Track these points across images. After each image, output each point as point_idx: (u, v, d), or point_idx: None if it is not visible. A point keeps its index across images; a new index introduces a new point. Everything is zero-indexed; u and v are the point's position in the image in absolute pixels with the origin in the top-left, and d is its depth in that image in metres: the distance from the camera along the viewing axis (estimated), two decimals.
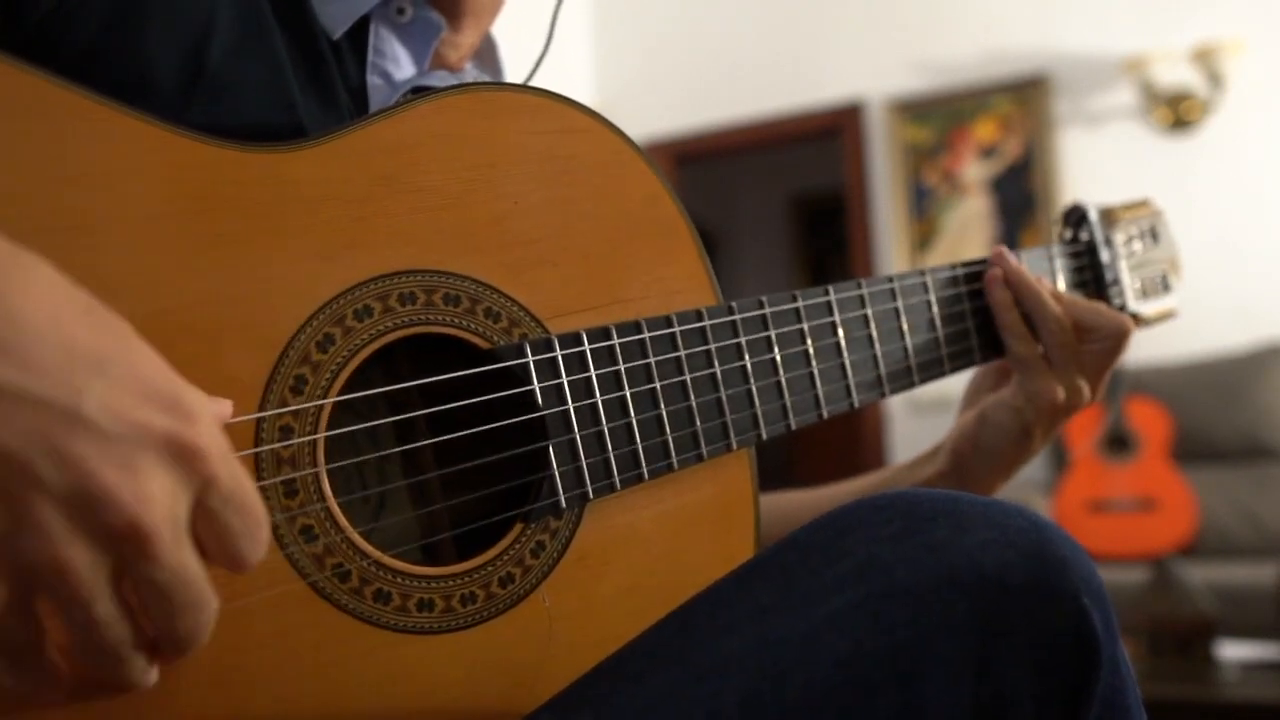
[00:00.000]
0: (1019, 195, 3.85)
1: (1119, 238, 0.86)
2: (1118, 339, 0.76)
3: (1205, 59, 3.51)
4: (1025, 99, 3.84)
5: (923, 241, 3.99)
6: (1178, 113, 3.60)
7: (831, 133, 4.25)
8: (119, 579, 0.37)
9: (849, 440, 4.27)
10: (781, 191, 6.42)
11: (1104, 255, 0.85)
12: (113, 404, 0.36)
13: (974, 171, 3.94)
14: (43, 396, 0.35)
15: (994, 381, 0.82)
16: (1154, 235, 0.89)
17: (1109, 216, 0.87)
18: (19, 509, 0.34)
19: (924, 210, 4.00)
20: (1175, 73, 3.56)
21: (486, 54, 0.76)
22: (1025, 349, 0.76)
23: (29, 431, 0.34)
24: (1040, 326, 0.76)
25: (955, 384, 0.81)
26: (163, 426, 0.37)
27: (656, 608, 0.58)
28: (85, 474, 0.35)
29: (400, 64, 0.67)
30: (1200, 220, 3.36)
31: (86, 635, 0.37)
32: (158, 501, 0.36)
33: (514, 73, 0.77)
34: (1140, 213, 0.89)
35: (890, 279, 0.73)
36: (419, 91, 0.64)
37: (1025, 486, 3.32)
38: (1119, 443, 3.26)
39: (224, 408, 0.47)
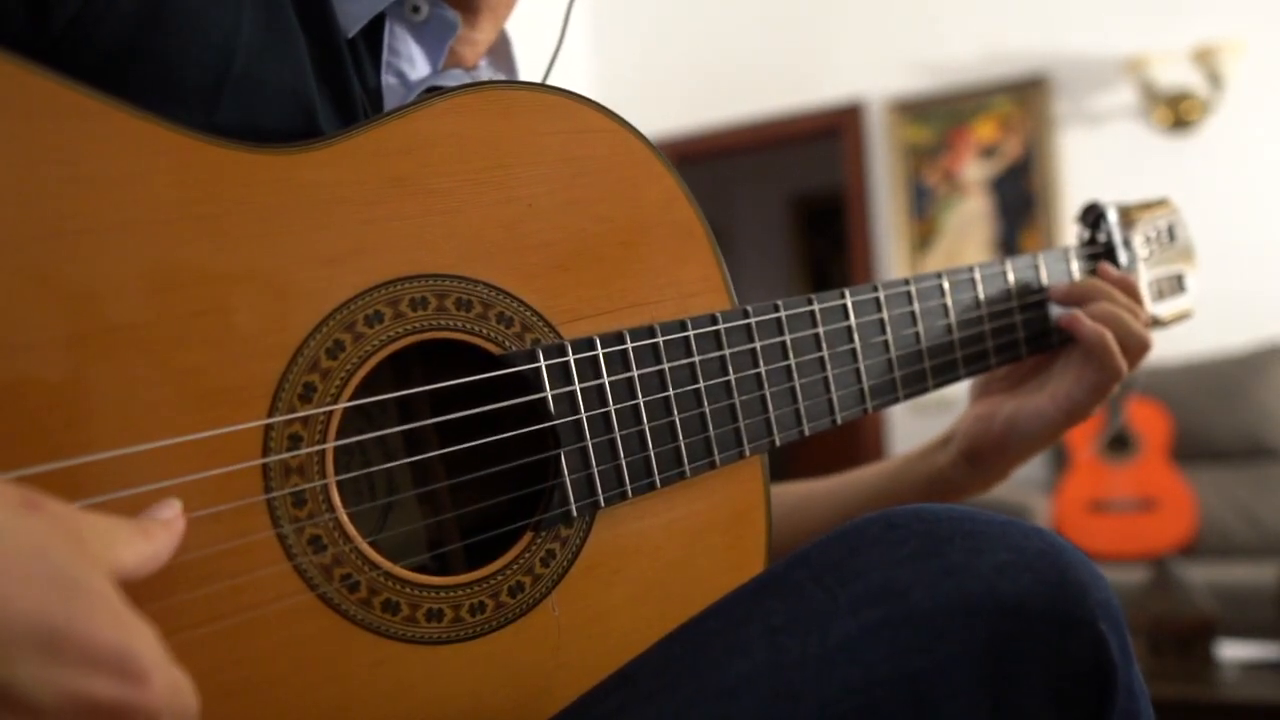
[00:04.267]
0: (1019, 195, 3.84)
1: (1137, 239, 0.85)
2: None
3: (1205, 59, 3.50)
4: (1025, 99, 3.84)
5: (923, 241, 3.98)
6: (1178, 113, 3.59)
7: (831, 133, 4.24)
8: None
9: (848, 440, 4.26)
10: (781, 192, 6.40)
11: (1122, 258, 0.84)
12: (51, 679, 0.34)
13: (974, 171, 3.93)
14: None
15: (1010, 384, 0.82)
16: (1171, 234, 0.88)
17: (1127, 216, 0.85)
18: None
19: (924, 210, 3.99)
20: (1175, 73, 3.56)
21: (500, 50, 0.75)
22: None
23: None
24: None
25: (955, 385, 0.81)
26: (107, 696, 0.35)
27: (667, 617, 0.58)
28: None
29: (415, 63, 0.66)
30: (1200, 220, 3.30)
31: None
32: None
33: (523, 72, 0.76)
34: (1159, 212, 0.87)
35: (907, 281, 0.72)
36: (434, 91, 0.63)
37: (1025, 486, 3.31)
38: (1119, 443, 3.25)
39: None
